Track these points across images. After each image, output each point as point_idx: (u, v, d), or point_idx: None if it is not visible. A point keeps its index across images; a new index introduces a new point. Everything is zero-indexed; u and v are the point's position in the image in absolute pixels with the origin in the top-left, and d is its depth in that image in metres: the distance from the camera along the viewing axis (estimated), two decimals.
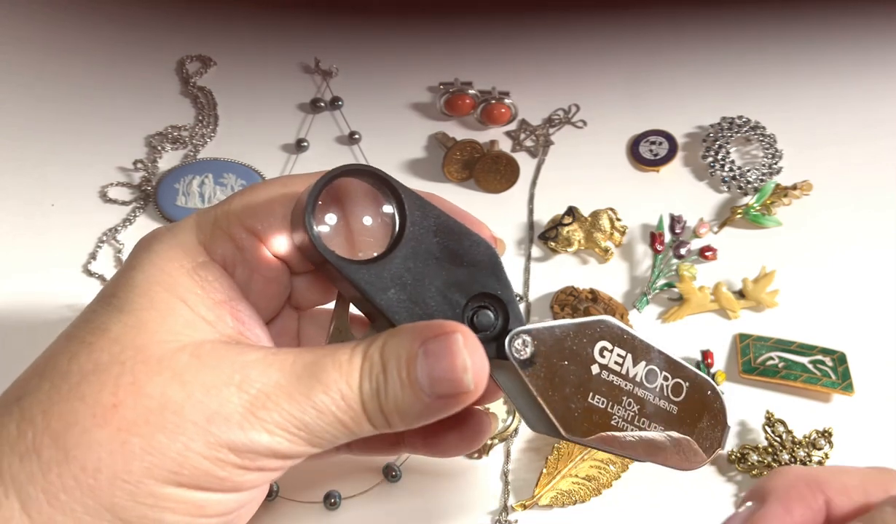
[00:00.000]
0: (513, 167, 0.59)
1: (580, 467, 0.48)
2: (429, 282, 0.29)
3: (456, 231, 0.30)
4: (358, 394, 0.28)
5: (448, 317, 0.29)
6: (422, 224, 0.30)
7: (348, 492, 0.48)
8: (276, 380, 0.27)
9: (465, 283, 0.30)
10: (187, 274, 0.29)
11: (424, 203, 0.30)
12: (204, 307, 0.29)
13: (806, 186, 0.58)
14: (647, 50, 0.69)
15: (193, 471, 0.26)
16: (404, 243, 0.29)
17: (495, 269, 0.30)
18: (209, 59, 0.69)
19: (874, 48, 0.68)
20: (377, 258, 0.29)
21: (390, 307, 0.29)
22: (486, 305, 0.30)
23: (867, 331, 0.52)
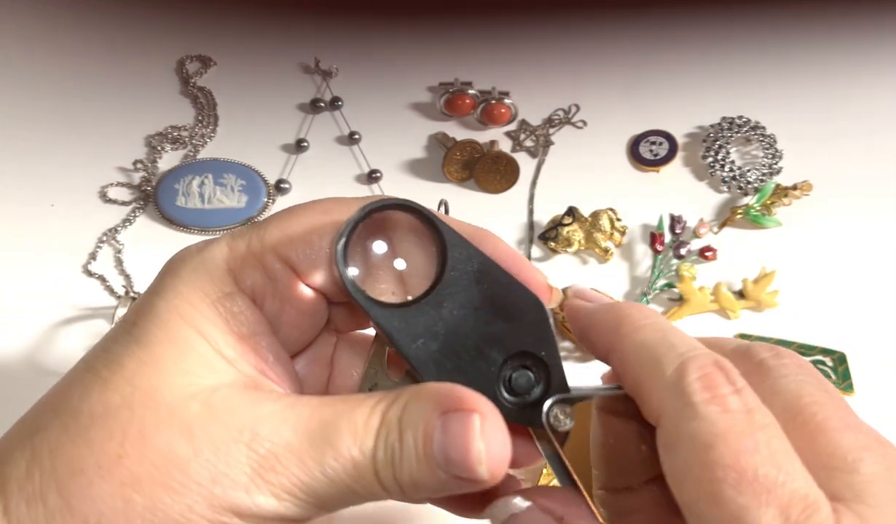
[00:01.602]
0: (513, 167, 0.59)
1: None
2: (465, 334, 0.26)
3: (502, 280, 0.27)
4: (371, 462, 0.26)
5: (482, 376, 0.26)
6: (464, 268, 0.27)
7: None
8: (288, 440, 0.26)
9: (506, 340, 0.27)
10: (212, 305, 0.28)
11: (469, 245, 0.27)
12: (225, 343, 0.27)
13: (806, 187, 0.58)
14: (647, 50, 0.69)
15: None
16: (442, 288, 0.27)
17: (541, 327, 0.27)
18: (209, 59, 0.69)
19: (874, 48, 0.68)
20: (410, 302, 0.27)
21: (418, 359, 0.26)
22: (527, 366, 0.27)
23: (867, 332, 0.52)
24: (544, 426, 0.27)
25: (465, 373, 0.26)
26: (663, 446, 0.23)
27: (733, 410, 0.22)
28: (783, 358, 0.26)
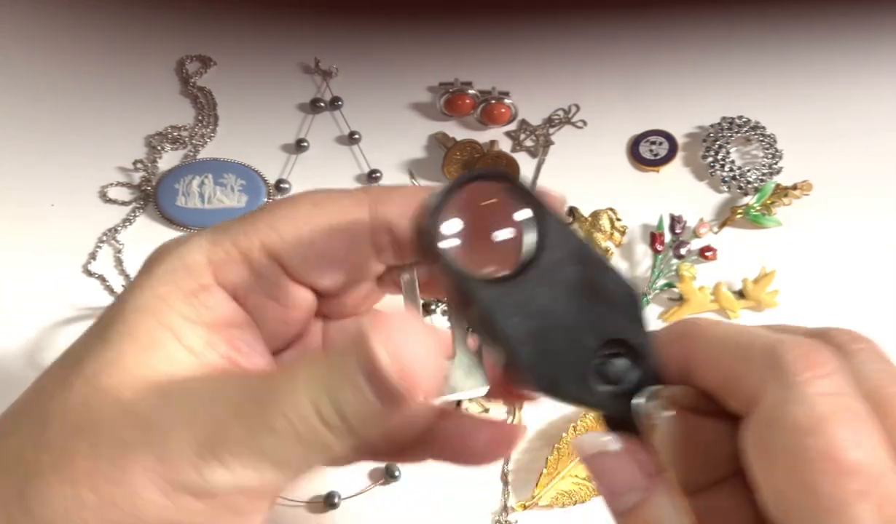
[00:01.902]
0: (513, 167, 0.59)
1: (580, 467, 0.48)
2: (559, 315, 0.25)
3: (597, 261, 0.26)
4: (313, 409, 0.24)
5: (574, 360, 0.25)
6: (561, 247, 0.25)
7: (348, 492, 0.48)
8: (230, 409, 0.25)
9: (599, 324, 0.25)
10: (184, 298, 0.27)
11: (568, 225, 0.26)
12: (194, 335, 0.27)
13: (806, 186, 0.58)
14: (647, 50, 0.69)
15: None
16: (540, 266, 0.25)
17: (635, 313, 0.26)
18: (209, 59, 0.69)
19: (874, 48, 0.68)
20: (506, 277, 0.25)
21: (514, 336, 0.25)
22: (619, 354, 0.26)
23: (867, 332, 0.52)
24: (636, 417, 0.25)
25: (558, 357, 0.25)
26: (755, 432, 0.22)
27: (833, 393, 0.21)
28: (860, 342, 0.25)
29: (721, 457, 0.24)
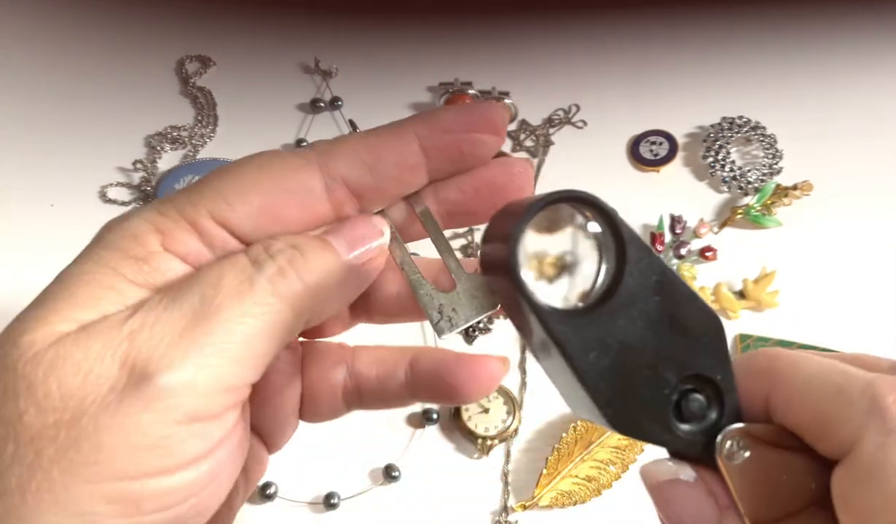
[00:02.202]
0: None
1: (580, 468, 0.48)
2: (639, 350, 0.24)
3: (681, 290, 0.24)
4: (248, 259, 0.26)
5: (654, 398, 0.24)
6: (643, 278, 0.24)
7: (348, 493, 0.48)
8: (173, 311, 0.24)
9: (680, 359, 0.24)
10: (132, 263, 0.26)
11: (650, 252, 0.24)
12: (139, 297, 0.25)
13: (806, 187, 0.58)
14: (647, 50, 0.69)
15: (112, 453, 0.23)
16: (619, 298, 0.24)
17: (718, 349, 0.24)
18: (209, 60, 0.69)
19: (875, 48, 0.68)
20: (584, 310, 0.24)
21: (588, 374, 0.23)
22: (698, 390, 0.24)
23: (868, 332, 0.52)
24: (717, 457, 0.24)
25: (637, 394, 0.23)
26: (851, 478, 0.22)
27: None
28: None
29: (797, 493, 0.23)
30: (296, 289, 0.25)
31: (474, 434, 0.49)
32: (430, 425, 0.50)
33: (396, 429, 0.50)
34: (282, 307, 0.25)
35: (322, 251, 0.27)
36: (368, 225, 0.29)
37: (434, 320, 0.29)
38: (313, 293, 0.26)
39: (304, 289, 0.26)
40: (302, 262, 0.26)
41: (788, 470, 0.24)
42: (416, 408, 0.50)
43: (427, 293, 0.29)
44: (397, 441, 0.49)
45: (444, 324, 0.29)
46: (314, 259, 0.26)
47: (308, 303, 0.26)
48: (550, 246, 0.25)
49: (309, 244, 0.27)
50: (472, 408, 0.49)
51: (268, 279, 0.25)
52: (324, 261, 0.27)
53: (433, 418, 0.50)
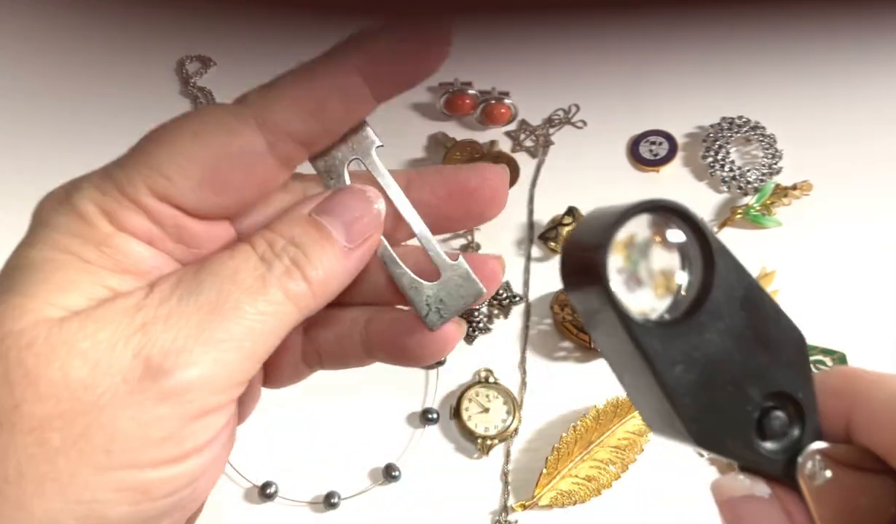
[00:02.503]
0: (513, 167, 0.59)
1: (580, 468, 0.48)
2: (724, 366, 0.23)
3: (767, 306, 0.24)
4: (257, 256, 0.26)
5: (738, 415, 0.23)
6: (730, 291, 0.23)
7: (348, 492, 0.48)
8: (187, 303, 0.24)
9: (764, 375, 0.23)
10: (94, 247, 0.25)
11: (738, 265, 0.24)
12: (119, 280, 0.25)
13: (806, 186, 0.58)
14: (647, 50, 0.69)
15: (125, 444, 0.23)
16: (706, 310, 0.23)
17: (801, 365, 0.24)
18: (209, 60, 0.69)
19: (875, 48, 0.68)
20: (671, 322, 0.23)
21: (675, 389, 0.22)
22: (779, 407, 0.23)
23: (868, 332, 0.52)
24: (798, 477, 0.23)
25: (722, 411, 0.23)
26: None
27: None
28: None
29: (877, 516, 0.23)
30: (302, 289, 0.26)
31: (474, 434, 0.49)
32: (430, 425, 0.50)
33: (397, 428, 0.50)
34: (291, 308, 0.25)
35: (322, 244, 0.26)
36: (363, 200, 0.28)
37: (423, 313, 0.28)
38: (317, 291, 0.26)
39: (308, 288, 0.26)
40: (305, 262, 0.26)
41: (869, 492, 0.23)
42: (416, 409, 0.50)
43: (412, 285, 0.29)
44: (397, 441, 0.49)
45: (433, 316, 0.28)
46: (316, 256, 0.26)
47: (312, 301, 0.26)
48: (635, 256, 0.25)
49: (309, 239, 0.26)
50: (472, 408, 0.49)
51: (278, 279, 0.25)
52: (325, 255, 0.26)
53: (433, 418, 0.50)
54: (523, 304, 0.55)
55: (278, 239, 0.26)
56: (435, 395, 0.51)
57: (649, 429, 0.24)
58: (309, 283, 0.26)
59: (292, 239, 0.26)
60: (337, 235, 0.27)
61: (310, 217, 0.27)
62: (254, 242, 0.26)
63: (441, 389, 0.51)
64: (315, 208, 0.27)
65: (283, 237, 0.26)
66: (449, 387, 0.51)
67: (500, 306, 0.54)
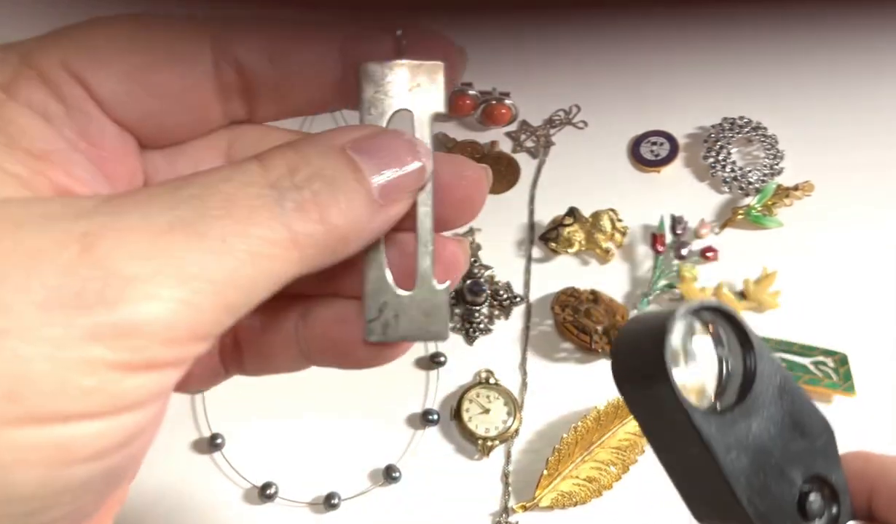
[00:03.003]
0: (513, 168, 0.59)
1: (581, 469, 0.47)
2: (769, 451, 0.25)
3: (800, 394, 0.26)
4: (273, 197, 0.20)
5: (783, 497, 0.25)
6: (770, 381, 0.26)
7: (348, 493, 0.48)
8: (147, 219, 0.18)
9: (803, 459, 0.26)
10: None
11: (773, 356, 0.27)
12: (13, 160, 0.20)
13: (807, 187, 0.58)
14: (648, 50, 0.69)
15: (36, 388, 0.17)
16: (751, 400, 0.26)
17: (831, 449, 0.26)
18: None
19: (876, 48, 0.67)
20: (726, 410, 0.26)
21: (731, 473, 0.24)
22: (815, 488, 0.26)
23: (869, 332, 0.52)
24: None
25: (770, 493, 0.25)
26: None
27: None
28: None
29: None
30: (316, 236, 0.20)
31: (475, 435, 0.48)
32: (430, 426, 0.50)
33: (397, 430, 0.50)
34: (295, 255, 0.20)
35: (354, 188, 0.21)
36: (411, 152, 0.23)
37: (368, 316, 0.24)
38: (331, 243, 0.21)
39: (323, 234, 0.20)
40: (331, 201, 0.21)
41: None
42: (416, 410, 0.50)
43: (378, 280, 0.24)
44: (398, 442, 0.49)
45: (376, 326, 0.24)
46: (345, 199, 0.21)
47: (320, 254, 0.21)
48: (687, 353, 0.26)
49: (342, 174, 0.21)
50: (473, 409, 0.49)
51: (288, 214, 0.20)
52: (355, 202, 0.21)
53: (434, 419, 0.49)
54: (524, 305, 0.54)
55: (303, 165, 0.21)
56: (435, 396, 0.51)
57: (694, 518, 0.27)
58: (327, 229, 0.20)
59: (321, 170, 0.21)
60: (371, 179, 0.21)
61: (344, 151, 0.21)
62: (266, 161, 0.21)
63: (441, 390, 0.51)
64: (352, 143, 0.22)
65: (310, 165, 0.21)
66: (449, 388, 0.51)
67: (501, 307, 0.54)
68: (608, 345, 0.50)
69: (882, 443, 0.48)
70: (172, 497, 0.47)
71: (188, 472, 0.48)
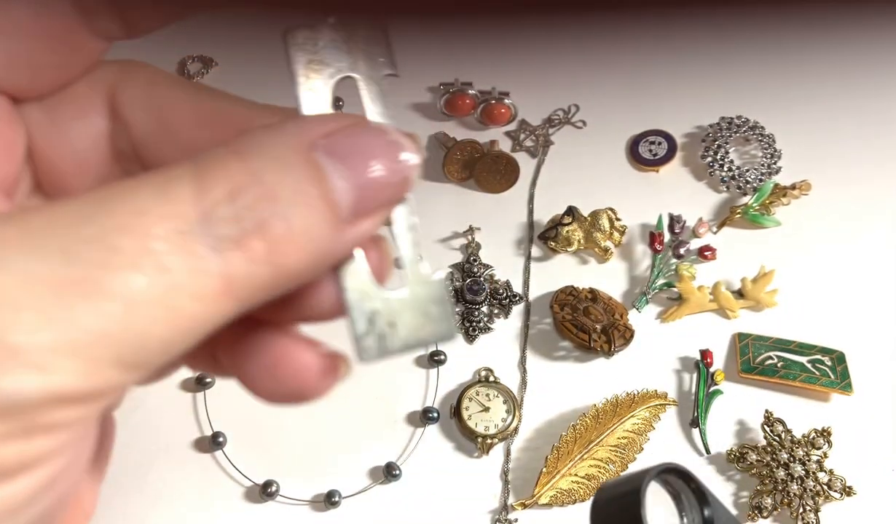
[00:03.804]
0: (513, 167, 0.59)
1: (580, 466, 0.48)
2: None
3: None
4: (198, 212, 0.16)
5: None
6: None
7: (349, 491, 0.48)
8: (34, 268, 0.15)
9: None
10: None
11: (726, 510, 0.32)
12: None
13: (805, 186, 0.58)
14: (647, 50, 0.69)
15: None
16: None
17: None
18: (210, 60, 0.69)
19: (874, 48, 0.68)
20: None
21: None
22: None
23: (866, 331, 0.52)
24: None
25: None
26: None
27: None
28: None
29: None
30: (258, 277, 0.16)
31: (474, 433, 0.49)
32: (430, 424, 0.50)
33: (397, 428, 0.50)
34: (228, 304, 0.16)
35: (317, 207, 0.17)
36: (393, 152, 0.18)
37: (359, 332, 0.20)
38: (280, 282, 0.17)
39: (270, 277, 0.16)
40: (283, 232, 0.16)
41: None
42: (416, 408, 0.51)
43: (359, 288, 0.19)
44: (398, 440, 0.50)
45: (370, 341, 0.20)
46: (303, 223, 0.17)
47: (264, 295, 0.17)
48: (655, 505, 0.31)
49: (302, 191, 0.17)
50: (473, 407, 0.50)
51: (221, 257, 0.16)
52: (316, 226, 0.17)
53: (434, 417, 0.50)
54: (523, 304, 0.55)
55: (251, 184, 0.16)
56: (435, 395, 0.51)
57: None
58: (274, 268, 0.16)
59: (274, 190, 0.16)
60: (340, 196, 0.17)
61: (310, 156, 0.17)
62: (203, 178, 0.16)
63: (441, 388, 0.51)
64: (324, 142, 0.18)
65: (260, 183, 0.16)
66: (449, 387, 0.51)
67: (501, 306, 0.55)
68: (607, 344, 0.50)
69: (879, 442, 0.48)
70: (174, 495, 0.47)
71: (190, 471, 0.48)
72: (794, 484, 0.45)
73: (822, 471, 0.46)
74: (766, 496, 0.46)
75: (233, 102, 0.21)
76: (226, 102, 0.21)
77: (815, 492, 0.45)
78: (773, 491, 0.46)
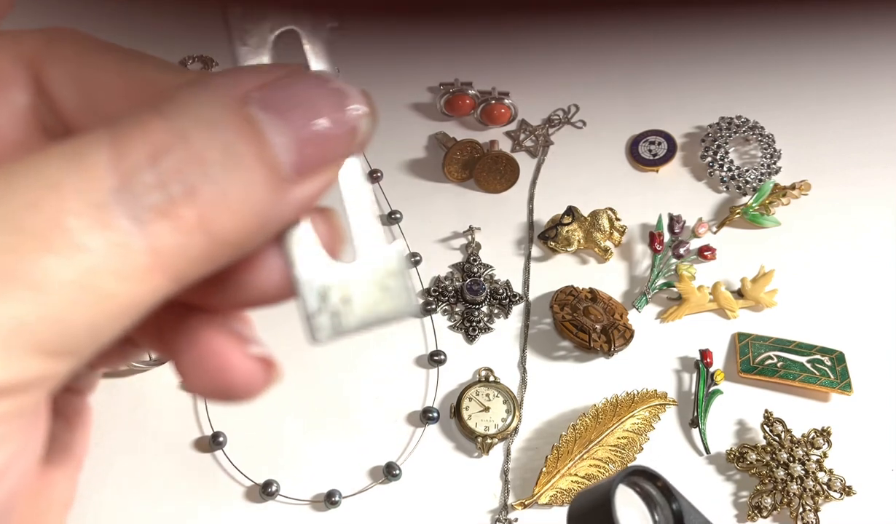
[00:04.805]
0: (513, 167, 0.59)
1: (580, 466, 0.48)
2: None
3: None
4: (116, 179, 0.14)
5: None
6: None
7: (349, 491, 0.48)
8: None
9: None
10: None
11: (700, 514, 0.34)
12: None
13: (804, 186, 0.58)
14: (647, 50, 0.69)
15: None
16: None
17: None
18: (211, 60, 0.69)
19: (873, 48, 0.68)
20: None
21: None
22: None
23: (866, 331, 0.52)
24: None
25: None
26: None
27: None
28: None
29: None
30: (192, 247, 0.15)
31: (474, 433, 0.49)
32: (430, 424, 0.50)
33: (397, 427, 0.50)
34: (157, 280, 0.15)
35: (253, 167, 0.15)
36: (336, 99, 0.17)
37: (310, 310, 0.18)
38: (216, 252, 0.15)
39: (204, 246, 0.15)
40: (215, 195, 0.15)
41: None
42: (416, 407, 0.51)
43: (309, 261, 0.18)
44: (398, 439, 0.50)
45: (324, 319, 0.18)
46: (239, 185, 0.15)
47: (200, 268, 0.15)
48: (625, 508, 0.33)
49: (235, 150, 0.15)
50: (473, 407, 0.50)
51: (145, 228, 0.14)
52: (253, 187, 0.15)
53: (434, 417, 0.50)
54: (523, 304, 0.55)
55: (176, 145, 0.15)
56: (435, 394, 0.51)
57: None
58: (208, 236, 0.15)
59: (203, 151, 0.15)
60: (279, 153, 0.16)
61: (243, 111, 0.15)
62: (120, 142, 0.15)
63: (441, 388, 0.51)
64: (258, 94, 0.16)
65: (187, 144, 0.15)
66: (449, 386, 0.51)
67: (501, 306, 0.55)
68: (606, 344, 0.50)
69: (878, 441, 0.48)
70: (174, 495, 0.47)
71: (190, 471, 0.48)
72: (793, 483, 0.46)
73: (822, 471, 0.46)
74: (765, 496, 0.46)
75: (164, 69, 0.18)
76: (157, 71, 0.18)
77: (814, 492, 0.45)
78: (773, 490, 0.46)
